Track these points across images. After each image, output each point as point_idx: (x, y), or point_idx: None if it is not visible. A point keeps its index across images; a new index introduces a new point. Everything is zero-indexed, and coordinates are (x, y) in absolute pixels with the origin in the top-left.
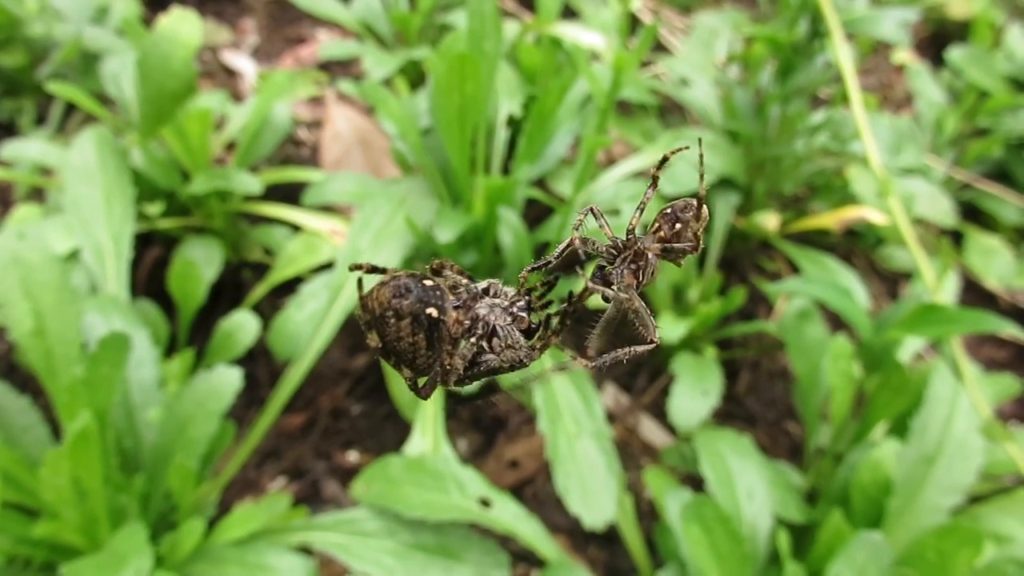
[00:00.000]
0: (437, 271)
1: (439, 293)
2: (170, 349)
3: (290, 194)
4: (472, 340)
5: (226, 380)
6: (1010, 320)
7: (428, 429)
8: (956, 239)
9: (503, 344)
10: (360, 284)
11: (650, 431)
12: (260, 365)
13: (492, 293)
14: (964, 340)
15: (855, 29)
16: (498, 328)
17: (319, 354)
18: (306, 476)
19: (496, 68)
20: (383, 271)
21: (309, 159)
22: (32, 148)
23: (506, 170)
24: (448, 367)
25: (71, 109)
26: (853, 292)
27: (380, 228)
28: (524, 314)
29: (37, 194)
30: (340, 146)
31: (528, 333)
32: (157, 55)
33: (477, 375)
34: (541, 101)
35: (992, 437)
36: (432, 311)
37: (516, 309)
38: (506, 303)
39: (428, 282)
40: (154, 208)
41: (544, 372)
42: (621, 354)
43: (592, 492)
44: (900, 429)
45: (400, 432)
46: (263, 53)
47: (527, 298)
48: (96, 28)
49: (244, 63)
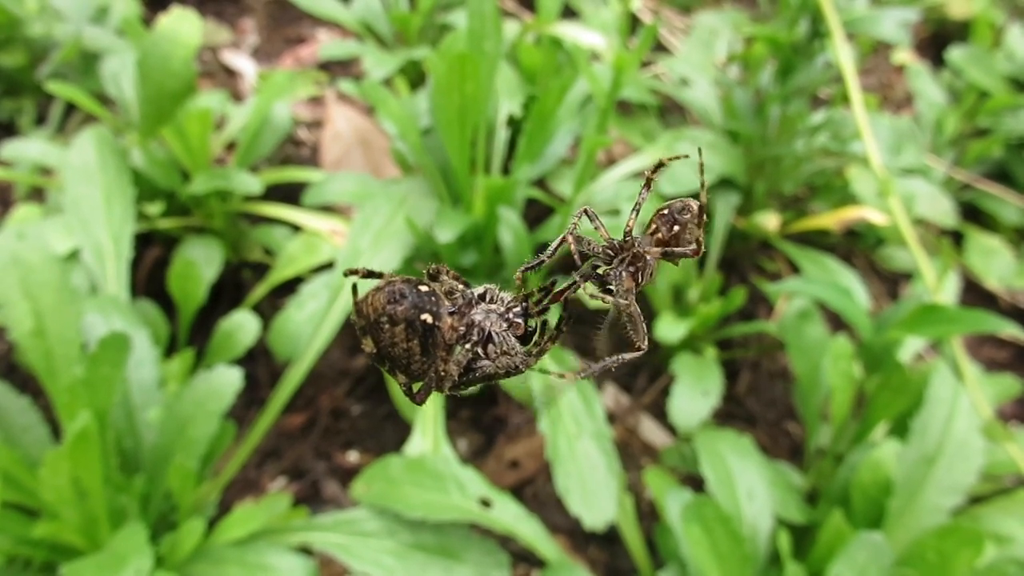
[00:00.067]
0: (433, 276)
1: (434, 299)
2: (170, 349)
3: (290, 194)
4: (467, 346)
5: (226, 380)
6: (1010, 320)
7: (428, 429)
8: (956, 239)
9: (498, 350)
10: (355, 289)
11: (650, 431)
12: (260, 365)
13: (488, 299)
14: (964, 340)
15: (855, 29)
16: (494, 334)
17: (319, 354)
18: (306, 476)
19: (496, 68)
20: (379, 276)
21: (309, 159)
22: (32, 148)
23: (506, 170)
24: (443, 373)
25: (71, 109)
26: (853, 292)
27: (380, 228)
28: (520, 320)
29: (37, 194)
30: (340, 146)
31: (524, 339)
32: (157, 55)
33: (472, 381)
34: (541, 101)
35: (992, 437)
36: (427, 317)
37: (512, 315)
38: (502, 309)
39: (423, 287)
40: (154, 208)
41: (549, 396)
42: (609, 362)
43: (592, 492)
44: (900, 429)
45: (400, 432)
46: (263, 53)
47: (523, 304)
48: (96, 28)
49: (244, 63)
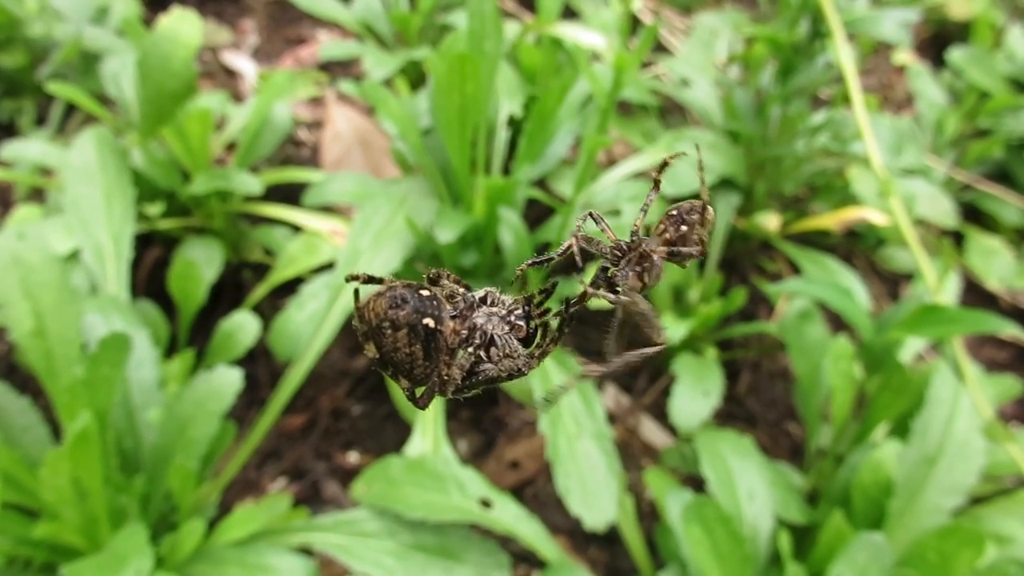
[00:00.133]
0: (434, 280)
1: (436, 303)
2: (170, 349)
3: (290, 194)
4: (470, 350)
5: (226, 380)
6: (1011, 321)
7: (428, 430)
8: (957, 240)
9: (501, 353)
10: (356, 294)
11: (651, 432)
12: (260, 365)
13: (489, 302)
14: (965, 341)
15: (856, 29)
16: (496, 337)
17: (319, 355)
18: (306, 477)
19: (496, 68)
20: (380, 281)
21: (309, 159)
22: (32, 148)
23: (506, 170)
24: (446, 377)
25: (71, 109)
26: (854, 293)
27: (380, 228)
28: (522, 323)
29: (37, 194)
30: (340, 146)
31: (526, 341)
32: (157, 55)
33: (475, 384)
34: (541, 101)
35: (993, 438)
36: (429, 321)
37: (514, 318)
38: (503, 312)
39: (425, 292)
40: (154, 208)
41: (563, 387)
42: (630, 357)
43: (593, 493)
44: (901, 430)
45: (400, 433)
46: (263, 53)
47: (525, 307)
48: (96, 28)
49: (244, 63)
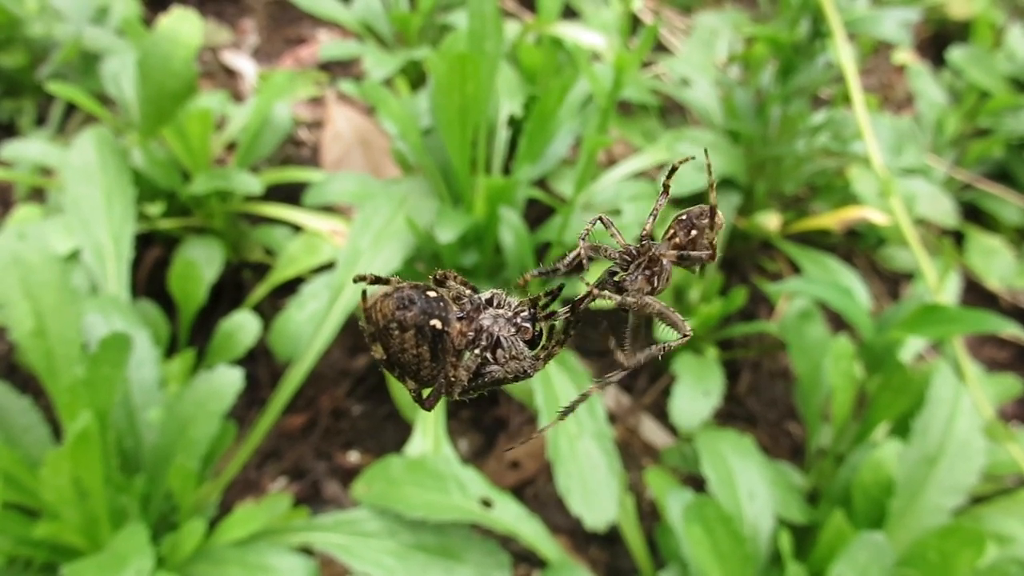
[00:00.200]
0: (440, 282)
1: (443, 304)
2: (171, 349)
3: (291, 194)
4: (476, 351)
5: (227, 380)
6: (1011, 320)
7: (429, 429)
8: (957, 239)
9: (507, 355)
10: (364, 296)
11: (651, 431)
12: (261, 365)
13: (495, 303)
14: (965, 340)
15: (856, 29)
16: (502, 339)
17: (320, 354)
18: (307, 476)
19: (497, 68)
20: (386, 282)
21: (309, 159)
22: (32, 148)
23: (507, 170)
24: (452, 379)
25: (71, 109)
26: (854, 292)
27: (381, 228)
28: (528, 324)
29: (37, 194)
30: (340, 146)
31: (532, 343)
32: (157, 55)
33: (481, 386)
34: (542, 101)
35: (994, 437)
36: (436, 323)
37: (520, 319)
38: (510, 313)
39: (431, 293)
40: (154, 208)
41: (589, 389)
42: (655, 351)
43: (593, 492)
44: (902, 429)
45: (401, 432)
46: (263, 53)
47: (531, 308)
48: (96, 28)
49: (244, 63)
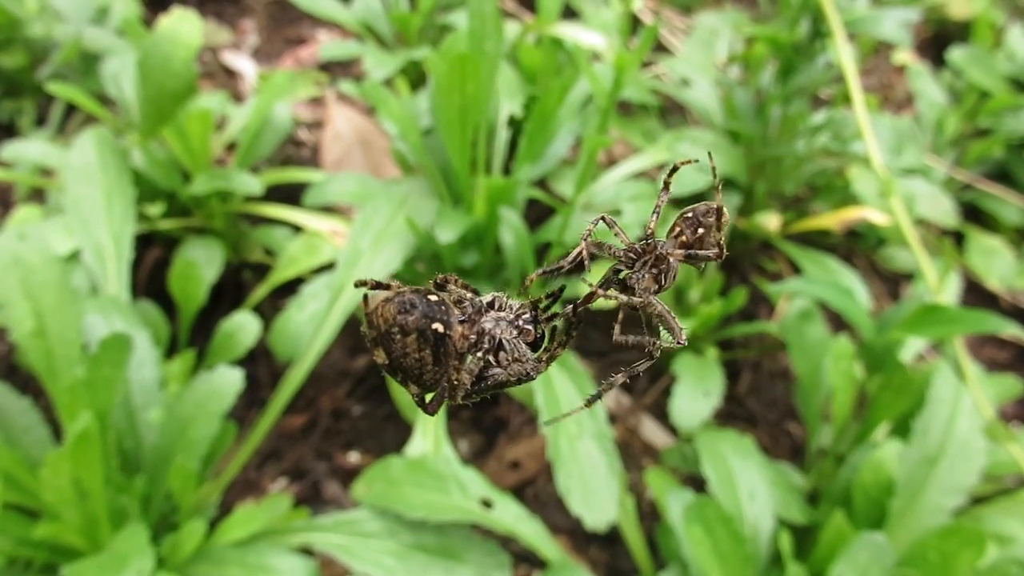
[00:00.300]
0: (441, 285)
1: (444, 308)
2: (171, 350)
3: (291, 195)
4: (479, 355)
5: (227, 381)
6: (1011, 321)
7: (429, 430)
8: (957, 240)
9: (510, 358)
10: (365, 300)
11: (651, 432)
12: (261, 366)
13: (497, 306)
14: (966, 341)
15: (856, 29)
16: (504, 342)
17: (320, 355)
18: (307, 477)
19: (497, 68)
20: (387, 287)
21: (309, 159)
22: (32, 149)
23: (507, 170)
24: (455, 382)
25: (71, 110)
26: (854, 292)
27: (381, 229)
28: (530, 327)
29: (38, 195)
30: (340, 146)
31: (534, 345)
32: (157, 55)
33: (484, 390)
34: (542, 101)
35: (994, 438)
36: (438, 326)
37: (522, 322)
38: (511, 316)
39: (433, 297)
40: (155, 209)
41: (590, 397)
42: (647, 341)
43: (593, 493)
44: (902, 430)
45: (401, 433)
46: (263, 54)
47: (532, 311)
48: (96, 28)
49: (244, 64)
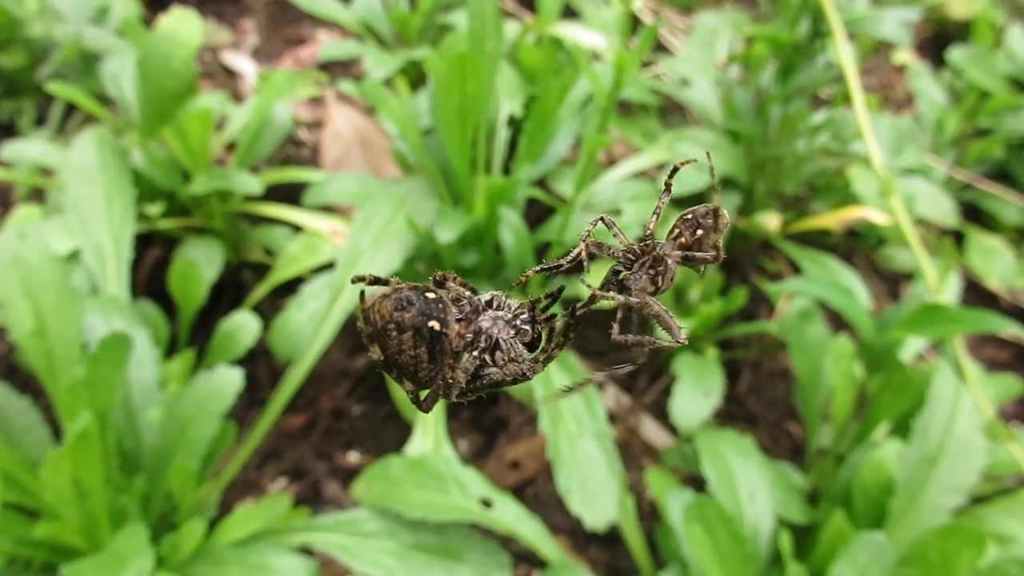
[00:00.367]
0: (440, 283)
1: (441, 306)
2: (171, 350)
3: (291, 194)
4: (475, 353)
5: (227, 380)
6: (1011, 320)
7: (429, 430)
8: (957, 239)
9: (506, 357)
10: (362, 296)
11: (651, 431)
12: (261, 365)
13: (495, 306)
14: (966, 340)
15: (856, 29)
16: (501, 341)
17: (320, 355)
18: (307, 477)
19: (497, 68)
20: (385, 283)
21: (309, 159)
22: (32, 149)
23: (507, 170)
24: (450, 380)
25: (71, 109)
26: (855, 292)
27: (381, 228)
28: (527, 327)
29: (37, 195)
30: (340, 146)
31: (531, 345)
32: (157, 55)
33: (479, 388)
34: (542, 101)
35: (994, 437)
36: (434, 324)
37: (519, 322)
38: (509, 316)
39: (430, 295)
40: (154, 208)
41: (586, 380)
42: (646, 340)
43: (593, 492)
44: (902, 429)
45: (401, 433)
46: (263, 53)
47: (530, 311)
48: (96, 28)
49: (244, 63)
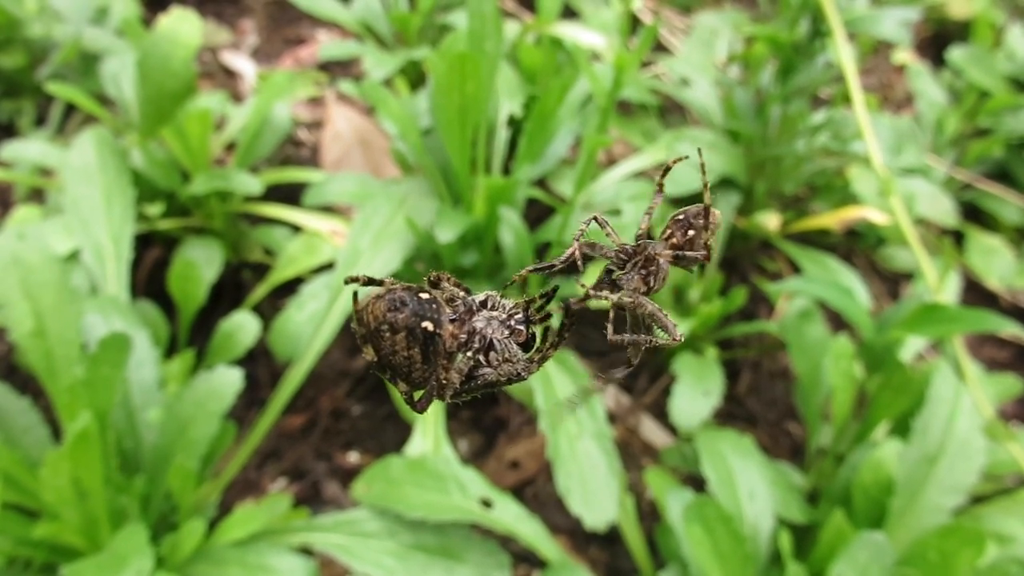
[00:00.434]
0: (434, 283)
1: (435, 306)
2: (170, 350)
3: (290, 194)
4: (469, 354)
5: (226, 381)
6: (1011, 320)
7: (429, 430)
8: (957, 239)
9: (500, 358)
10: (355, 297)
11: (651, 431)
12: (260, 366)
13: (490, 306)
14: (965, 340)
15: (856, 29)
16: (495, 342)
17: (319, 355)
18: (307, 477)
19: (496, 68)
20: (379, 283)
21: (309, 159)
22: (32, 149)
23: (507, 170)
24: (444, 381)
25: (71, 110)
26: (854, 292)
27: (380, 228)
28: (522, 327)
29: (37, 195)
30: (340, 146)
31: (526, 346)
32: (157, 55)
33: (474, 389)
34: (542, 101)
35: (994, 437)
36: (428, 325)
37: (514, 322)
38: (504, 316)
39: (424, 295)
40: (154, 209)
41: (585, 393)
42: (642, 339)
43: (593, 492)
44: (902, 429)
45: (401, 433)
46: (263, 54)
47: (525, 311)
48: (96, 29)
49: (244, 64)
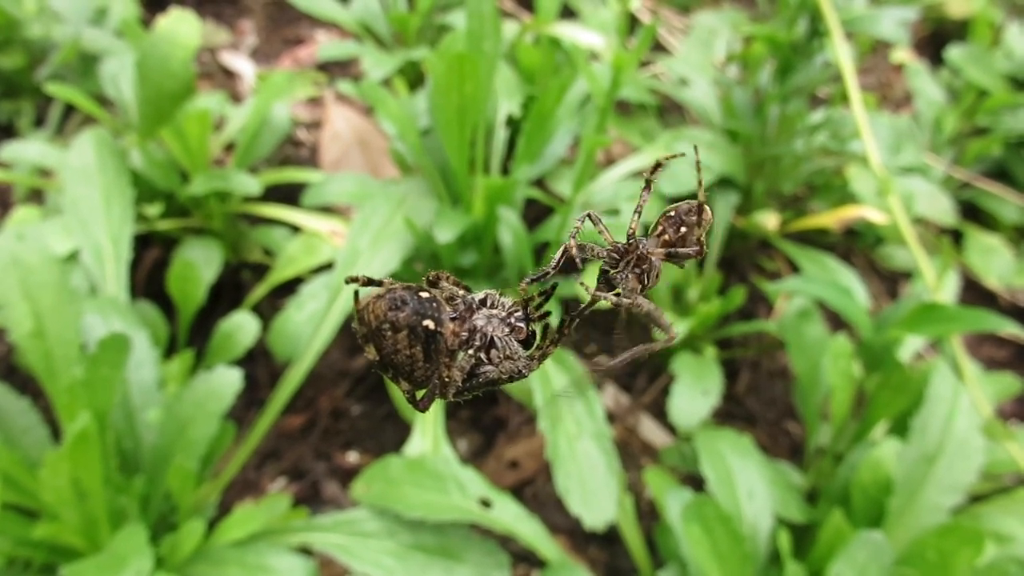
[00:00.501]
0: (433, 282)
1: (435, 305)
2: (170, 350)
3: (289, 195)
4: (470, 352)
5: (226, 381)
6: (1010, 319)
7: (428, 429)
8: (956, 238)
9: (501, 355)
10: (356, 296)
11: (650, 431)
12: (260, 366)
13: (489, 304)
14: (964, 339)
15: (854, 28)
16: (496, 339)
17: (319, 355)
18: (306, 477)
19: (495, 68)
20: (379, 283)
21: (308, 160)
22: (31, 149)
23: (505, 170)
24: (446, 379)
25: (70, 110)
26: (853, 291)
27: (379, 228)
28: (522, 324)
29: (36, 195)
30: (339, 146)
31: (526, 343)
32: (156, 56)
33: (475, 387)
34: (540, 101)
35: (993, 436)
36: (429, 323)
37: (514, 320)
38: (503, 314)
39: (424, 294)
40: (153, 209)
41: (581, 380)
42: (638, 351)
43: (592, 492)
44: (901, 428)
45: (400, 432)
46: (262, 54)
47: (524, 309)
48: (95, 29)
49: (243, 64)
